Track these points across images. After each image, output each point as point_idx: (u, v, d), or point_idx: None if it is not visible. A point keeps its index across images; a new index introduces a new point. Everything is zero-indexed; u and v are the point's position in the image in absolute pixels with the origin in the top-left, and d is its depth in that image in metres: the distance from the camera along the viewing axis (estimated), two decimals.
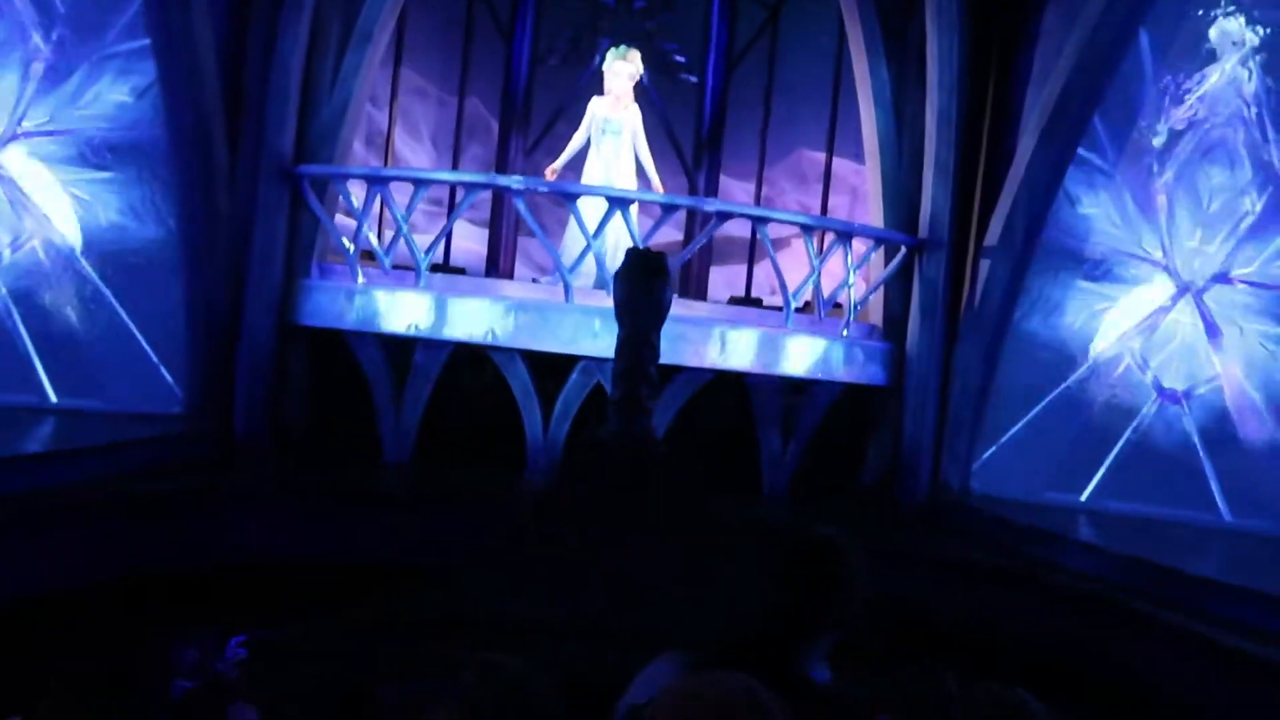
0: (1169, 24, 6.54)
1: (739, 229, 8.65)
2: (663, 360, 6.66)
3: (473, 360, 7.05)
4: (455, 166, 9.49)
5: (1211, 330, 6.86)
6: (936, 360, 7.43)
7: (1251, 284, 6.72)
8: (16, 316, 6.47)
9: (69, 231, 6.54)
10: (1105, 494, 7.17)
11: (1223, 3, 6.36)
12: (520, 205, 7.16)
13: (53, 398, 6.59)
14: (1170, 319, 7.03)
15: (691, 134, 10.03)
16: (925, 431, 7.43)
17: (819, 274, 7.14)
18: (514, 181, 7.23)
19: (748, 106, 9.92)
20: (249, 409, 6.97)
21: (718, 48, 9.84)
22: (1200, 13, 6.45)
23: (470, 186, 7.15)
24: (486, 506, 5.92)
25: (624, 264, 4.68)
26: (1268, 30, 6.30)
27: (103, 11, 6.33)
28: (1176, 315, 7.01)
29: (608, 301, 6.96)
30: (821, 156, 9.53)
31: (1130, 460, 7.13)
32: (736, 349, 6.90)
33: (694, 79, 9.83)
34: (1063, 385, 7.25)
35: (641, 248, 5.52)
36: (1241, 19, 6.35)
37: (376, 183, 6.93)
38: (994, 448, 7.44)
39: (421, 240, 9.73)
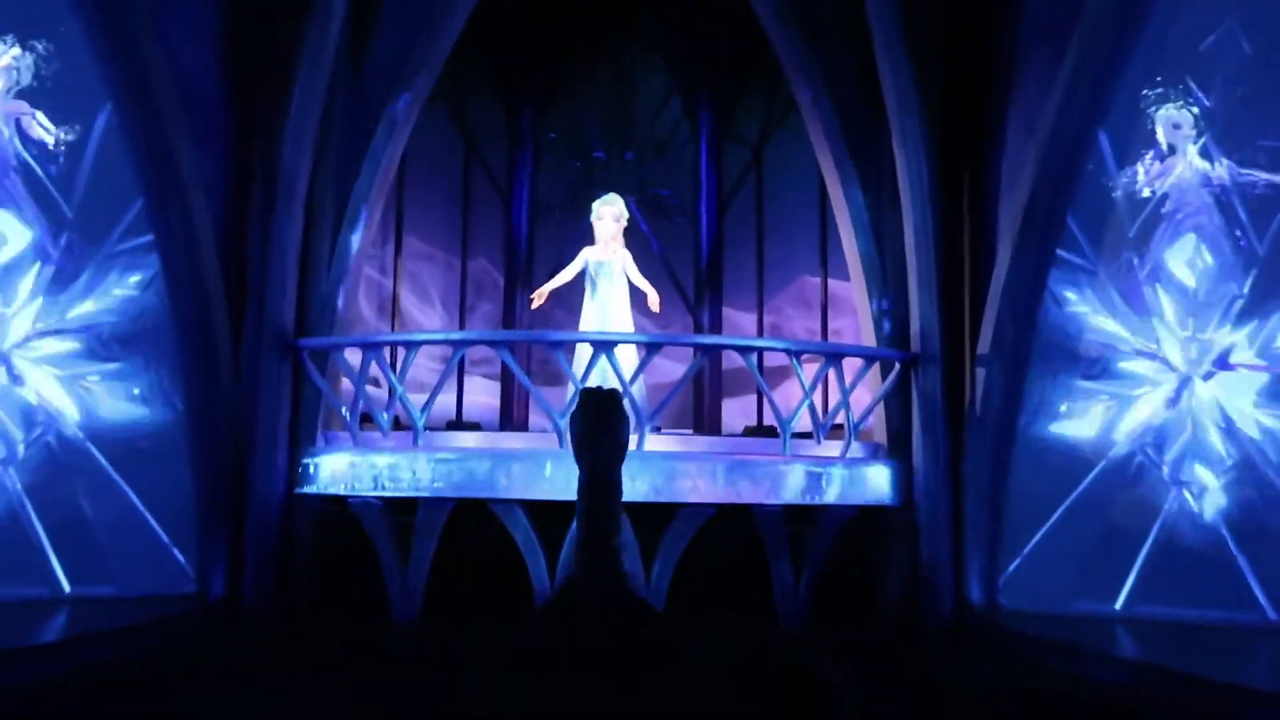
0: (1125, 121, 6.62)
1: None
2: (662, 498, 6.76)
3: (475, 514, 7.07)
4: (463, 325, 9.81)
5: (1223, 418, 6.64)
6: (944, 474, 7.28)
7: (1254, 368, 6.53)
8: (31, 510, 6.70)
9: (80, 423, 6.83)
10: (1139, 599, 6.83)
11: (1169, 95, 6.43)
12: (505, 356, 7.33)
13: (66, 587, 6.73)
14: (1177, 410, 6.82)
15: (692, 272, 10.28)
16: (942, 549, 7.22)
17: (810, 398, 7.11)
18: (494, 335, 7.41)
19: (744, 241, 10.18)
20: (258, 580, 7.04)
21: (708, 188, 10.19)
22: (1153, 109, 6.53)
23: (456, 344, 7.32)
24: (492, 663, 5.83)
25: (578, 404, 4.74)
26: (1214, 110, 6.34)
27: (108, 214, 6.78)
28: (1183, 406, 6.80)
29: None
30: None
31: (1160, 561, 6.81)
32: (735, 481, 6.84)
33: (687, 220, 10.14)
34: (1078, 489, 7.01)
35: (597, 387, 5.58)
36: (1188, 109, 6.41)
37: (369, 349, 7.15)
38: (1018, 560, 7.17)
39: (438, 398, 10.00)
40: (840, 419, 7.48)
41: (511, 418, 9.78)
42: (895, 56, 7.21)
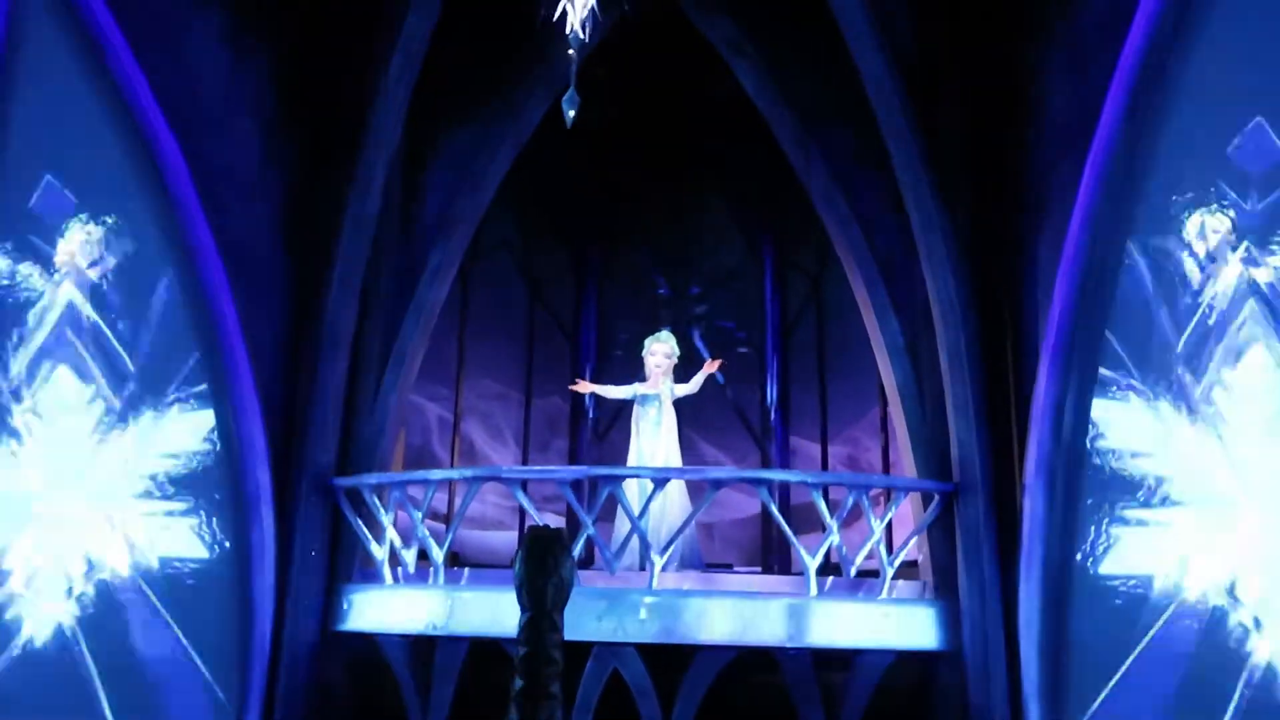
0: (1158, 230, 6.13)
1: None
2: (673, 639, 6.45)
3: (492, 655, 6.96)
4: (525, 460, 9.94)
5: None
6: (995, 615, 6.64)
7: None
8: (84, 645, 7.10)
9: (132, 561, 7.26)
10: None
11: (1202, 200, 5.92)
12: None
13: None
14: (1255, 545, 6.00)
15: (758, 405, 10.09)
16: (997, 700, 6.51)
17: (833, 531, 6.71)
18: (511, 472, 7.44)
19: (811, 370, 9.94)
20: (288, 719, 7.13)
21: (773, 319, 10.08)
22: (1186, 215, 6.03)
23: (470, 480, 7.33)
24: None
25: (522, 544, 4.63)
26: (1252, 213, 5.78)
27: (166, 366, 7.37)
28: (1260, 540, 5.98)
29: (635, 581, 6.88)
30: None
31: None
32: (752, 621, 6.46)
33: (753, 351, 10.03)
34: (1148, 636, 6.21)
35: (545, 526, 5.44)
36: (1223, 213, 5.87)
37: (395, 487, 7.33)
38: (1085, 716, 6.37)
39: (499, 535, 10.05)
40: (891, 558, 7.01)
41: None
42: (916, 175, 7.04)
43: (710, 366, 8.27)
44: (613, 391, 8.51)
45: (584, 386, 8.85)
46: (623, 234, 10.42)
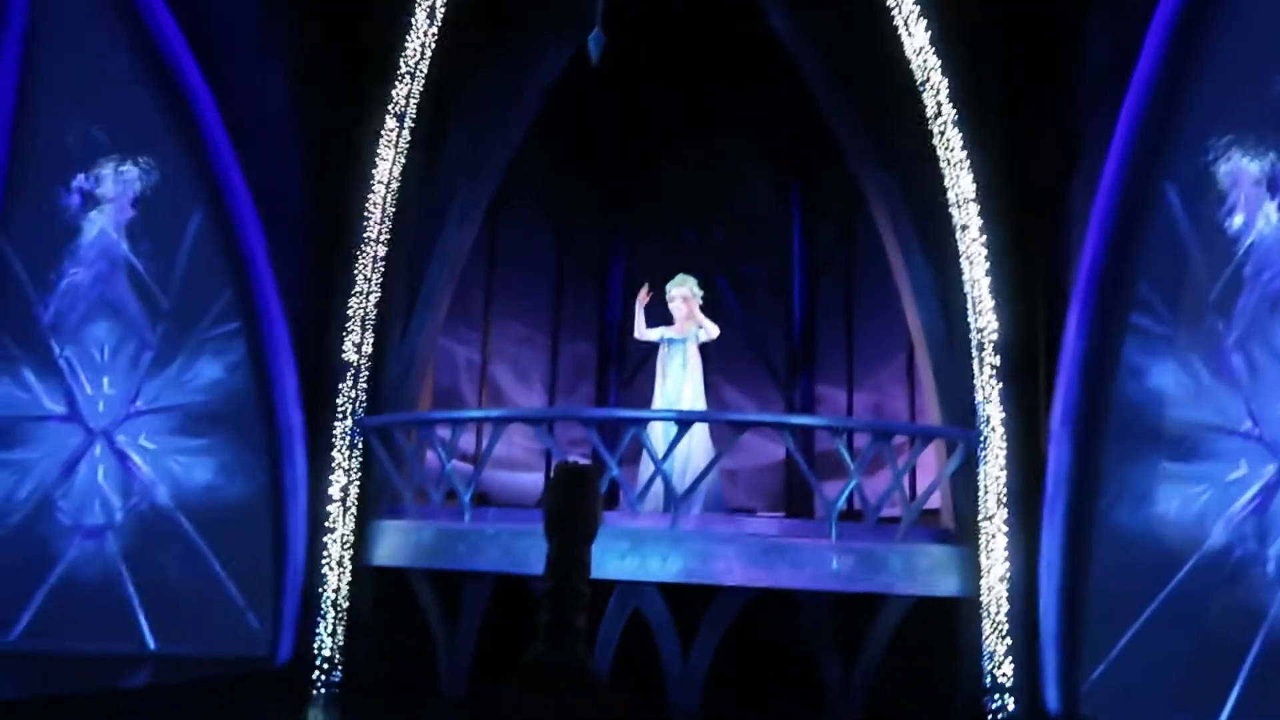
0: (1194, 174, 6.02)
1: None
2: (695, 580, 6.54)
3: (517, 590, 7.11)
4: (552, 404, 10.03)
5: None
6: (1017, 564, 6.67)
7: None
8: (125, 572, 7.35)
9: (171, 494, 7.46)
10: (1246, 715, 5.91)
11: (1242, 144, 5.79)
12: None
13: (151, 645, 7.29)
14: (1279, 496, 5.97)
15: (785, 351, 10.08)
16: (1015, 648, 6.57)
17: (855, 479, 6.74)
18: (548, 413, 7.49)
19: (838, 318, 9.90)
20: (318, 648, 7.35)
21: (801, 265, 10.01)
22: (1223, 157, 5.90)
23: (496, 421, 7.42)
24: None
25: (551, 478, 4.65)
26: None
27: (200, 304, 7.50)
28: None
29: (659, 523, 6.96)
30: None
31: (1269, 673, 5.89)
32: (773, 565, 6.53)
33: (779, 297, 9.98)
34: (1169, 587, 6.23)
35: (573, 462, 5.50)
36: (1261, 159, 5.73)
37: (422, 426, 7.44)
38: (1103, 665, 6.41)
39: (526, 476, 10.18)
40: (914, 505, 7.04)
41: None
42: (947, 116, 6.92)
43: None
44: (646, 330, 8.42)
45: (644, 297, 8.40)
46: (650, 179, 10.36)
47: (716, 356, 8.79)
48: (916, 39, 6.99)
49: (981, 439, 6.88)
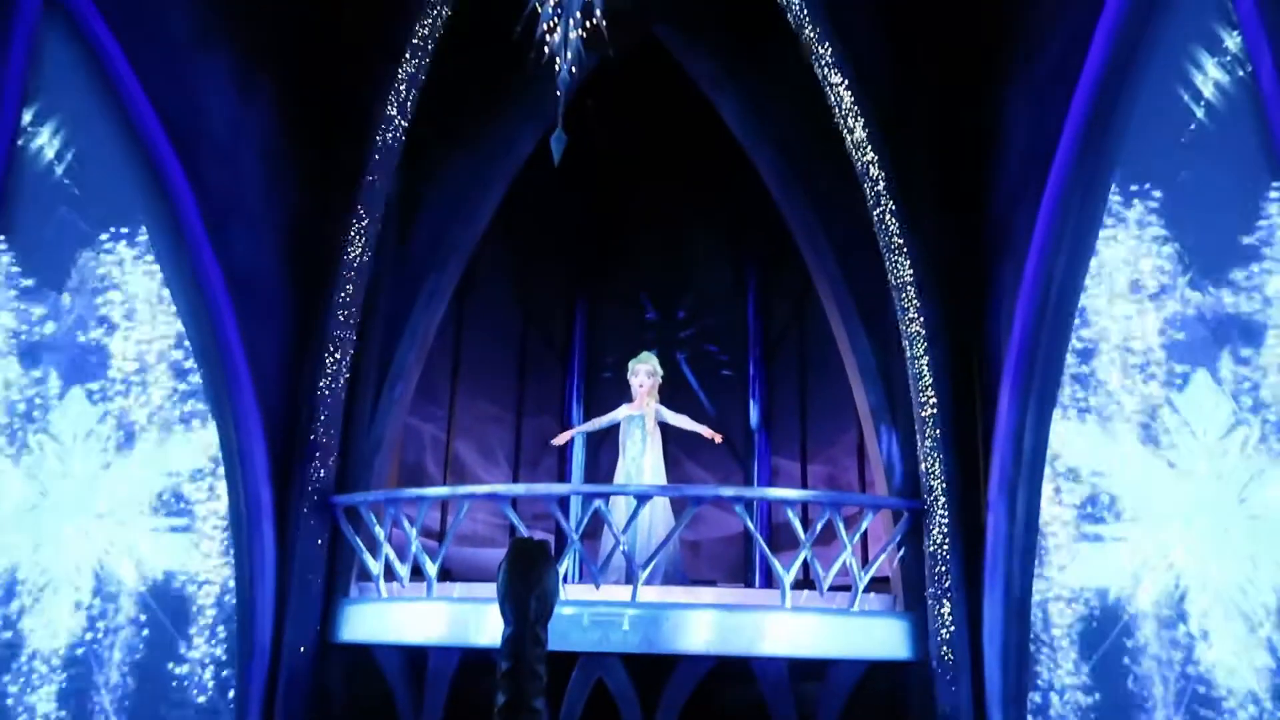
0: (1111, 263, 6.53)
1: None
2: (654, 649, 6.77)
3: (483, 665, 7.27)
4: (516, 480, 10.26)
5: (1233, 580, 6.14)
6: (962, 627, 6.98)
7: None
8: (90, 654, 7.41)
9: (139, 573, 7.58)
10: None
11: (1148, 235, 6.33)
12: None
13: None
14: (1199, 560, 6.35)
15: (742, 426, 10.44)
16: (963, 707, 6.84)
17: (806, 547, 7.05)
18: (512, 490, 7.76)
19: (793, 393, 10.29)
20: None
21: (755, 343, 10.44)
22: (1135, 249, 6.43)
23: (462, 498, 7.67)
24: None
25: (506, 554, 4.81)
26: (1196, 245, 6.17)
27: (173, 384, 7.72)
28: (1202, 555, 6.33)
29: (620, 594, 7.18)
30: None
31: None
32: (729, 633, 6.79)
33: (736, 375, 10.38)
34: (1105, 643, 6.56)
35: (528, 538, 5.76)
36: (1171, 244, 6.27)
37: (389, 504, 7.65)
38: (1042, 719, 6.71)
39: (490, 552, 10.33)
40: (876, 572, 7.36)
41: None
42: (887, 207, 7.42)
43: (710, 435, 8.50)
44: (597, 423, 8.82)
45: (564, 437, 9.04)
46: (612, 260, 10.79)
47: (677, 431, 9.11)
48: (856, 133, 7.51)
49: (925, 509, 7.24)
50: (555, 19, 6.35)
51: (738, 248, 10.59)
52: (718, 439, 8.51)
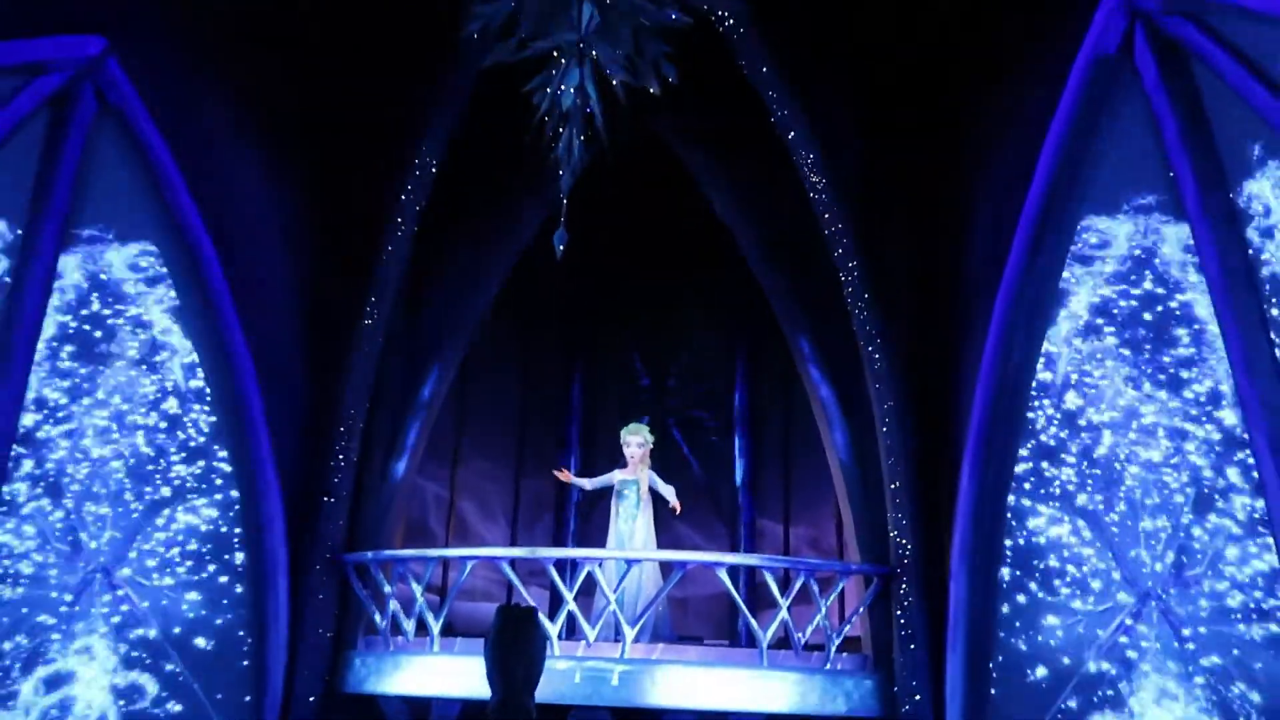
0: (1062, 355, 7.21)
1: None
2: (639, 704, 7.32)
3: (482, 714, 7.79)
4: (514, 538, 10.84)
5: (1179, 638, 6.72)
6: (925, 686, 7.53)
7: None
8: (111, 704, 7.92)
9: (160, 625, 8.11)
10: None
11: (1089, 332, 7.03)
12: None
13: None
14: (1142, 627, 6.94)
15: (729, 490, 11.05)
16: None
17: (784, 610, 7.62)
18: (511, 552, 8.34)
19: (777, 460, 10.92)
20: None
21: (741, 412, 11.08)
22: (1077, 341, 7.12)
23: (464, 559, 8.25)
24: None
25: (493, 622, 4.35)
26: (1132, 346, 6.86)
27: (198, 448, 8.32)
28: (1143, 627, 6.92)
29: (610, 650, 7.73)
30: None
31: None
32: (710, 688, 7.35)
33: (723, 441, 11.01)
34: (1054, 707, 7.12)
35: (513, 604, 6.32)
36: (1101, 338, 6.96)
37: (397, 563, 8.23)
38: None
39: (489, 606, 10.88)
40: (848, 632, 7.94)
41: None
42: (860, 294, 8.10)
43: (674, 505, 9.12)
44: (592, 482, 9.41)
45: (565, 476, 9.66)
46: (608, 331, 11.47)
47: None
48: (833, 225, 8.21)
49: (893, 574, 7.82)
50: (559, 130, 7.09)
51: (726, 323, 11.27)
52: (678, 510, 9.08)
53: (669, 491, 9.12)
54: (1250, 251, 6.17)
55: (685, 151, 9.34)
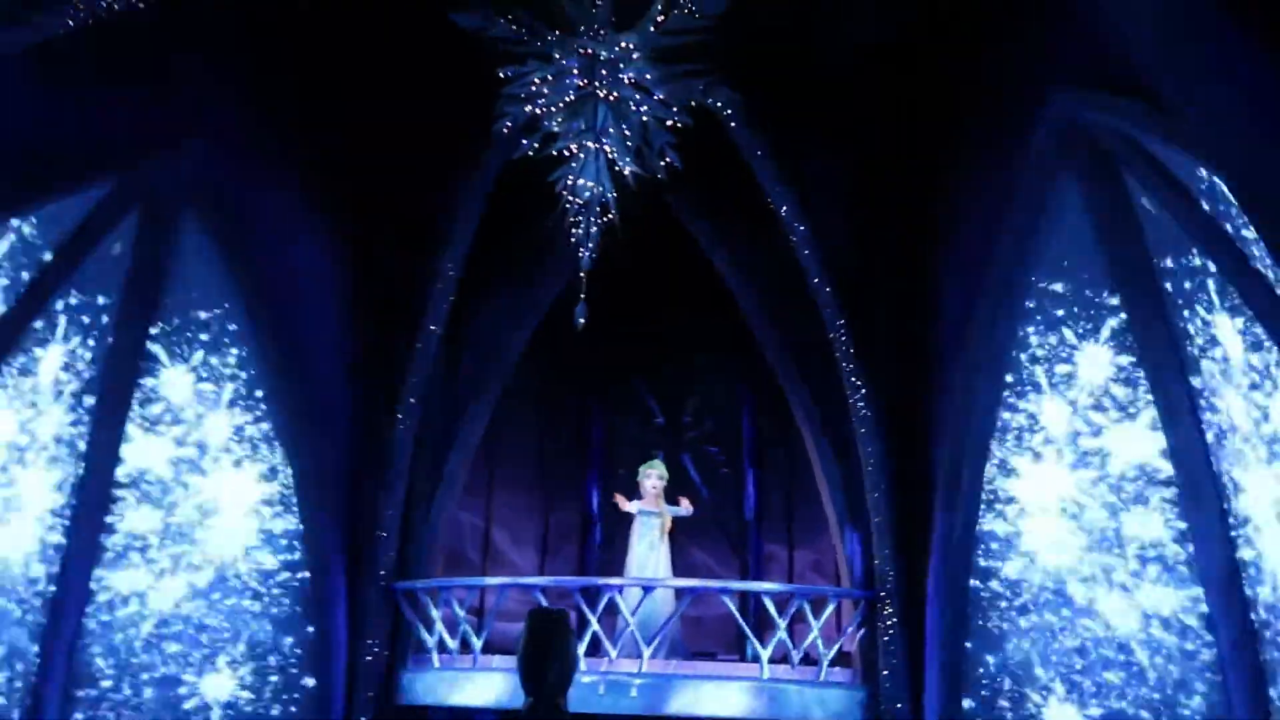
0: (1017, 407, 8.28)
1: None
2: (655, 712, 8.41)
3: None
4: (542, 566, 11.97)
5: (1119, 661, 7.75)
6: (906, 696, 8.59)
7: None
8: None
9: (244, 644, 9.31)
10: None
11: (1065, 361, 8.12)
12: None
13: None
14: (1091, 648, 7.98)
15: (738, 518, 12.14)
16: None
17: (782, 630, 8.71)
18: (541, 581, 9.49)
19: (781, 490, 11.99)
20: None
21: (749, 448, 12.17)
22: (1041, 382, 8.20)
23: (498, 588, 9.40)
24: None
25: (526, 626, 4.40)
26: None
27: (260, 493, 9.54)
28: (1093, 643, 7.96)
29: (630, 666, 8.83)
30: None
31: None
32: (717, 697, 8.45)
33: (732, 473, 12.11)
34: (1021, 713, 8.16)
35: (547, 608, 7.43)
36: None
37: (442, 590, 9.39)
38: None
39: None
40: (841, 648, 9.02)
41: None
42: (846, 354, 9.19)
43: (688, 508, 10.26)
44: (628, 506, 10.48)
45: (623, 504, 10.53)
46: (626, 374, 12.59)
47: (684, 521, 10.78)
48: (822, 294, 9.31)
49: (878, 598, 8.89)
50: (578, 216, 8.25)
51: (733, 365, 12.33)
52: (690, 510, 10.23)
53: (685, 506, 10.21)
54: (1168, 325, 7.26)
55: (689, 220, 10.45)
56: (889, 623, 8.76)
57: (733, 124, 9.19)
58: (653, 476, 10.61)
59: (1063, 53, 7.26)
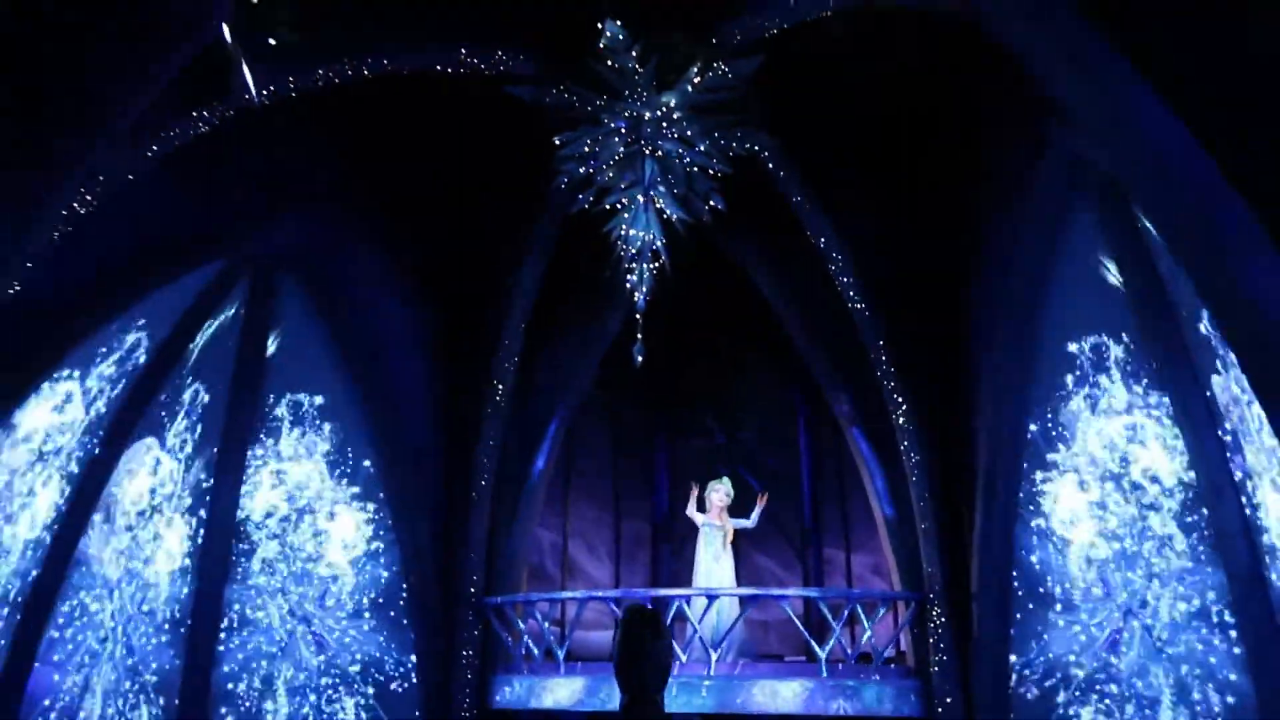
0: (1043, 418, 8.90)
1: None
2: (726, 710, 9.21)
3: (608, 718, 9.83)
4: (617, 573, 12.86)
5: (1151, 653, 8.31)
6: (957, 691, 9.25)
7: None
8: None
9: (349, 660, 10.39)
10: None
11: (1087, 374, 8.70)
12: (613, 606, 10.14)
13: None
14: (1127, 646, 8.55)
15: (798, 526, 12.88)
16: None
17: (838, 632, 9.45)
18: (613, 594, 10.37)
19: (837, 499, 12.71)
20: None
21: (806, 461, 12.91)
22: (1067, 392, 8.80)
23: (580, 600, 10.31)
24: None
25: (621, 624, 4.49)
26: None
27: (361, 519, 10.62)
28: (1128, 636, 8.53)
29: (700, 668, 9.65)
30: None
31: None
32: (780, 693, 9.23)
33: (791, 484, 12.84)
34: (1057, 712, 8.79)
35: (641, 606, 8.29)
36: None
37: (527, 604, 10.34)
38: None
39: (601, 634, 12.92)
40: (893, 649, 9.72)
41: None
42: (888, 374, 9.90)
43: (762, 501, 11.06)
44: (694, 514, 11.28)
45: (694, 513, 11.32)
46: (687, 395, 13.45)
47: (747, 530, 11.58)
48: (858, 314, 10.02)
49: (927, 599, 9.56)
50: (633, 264, 9.14)
51: (789, 385, 13.10)
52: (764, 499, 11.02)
53: (753, 517, 10.99)
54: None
55: (738, 255, 11.24)
56: (938, 622, 9.43)
57: (770, 165, 9.96)
58: (720, 492, 11.40)
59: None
